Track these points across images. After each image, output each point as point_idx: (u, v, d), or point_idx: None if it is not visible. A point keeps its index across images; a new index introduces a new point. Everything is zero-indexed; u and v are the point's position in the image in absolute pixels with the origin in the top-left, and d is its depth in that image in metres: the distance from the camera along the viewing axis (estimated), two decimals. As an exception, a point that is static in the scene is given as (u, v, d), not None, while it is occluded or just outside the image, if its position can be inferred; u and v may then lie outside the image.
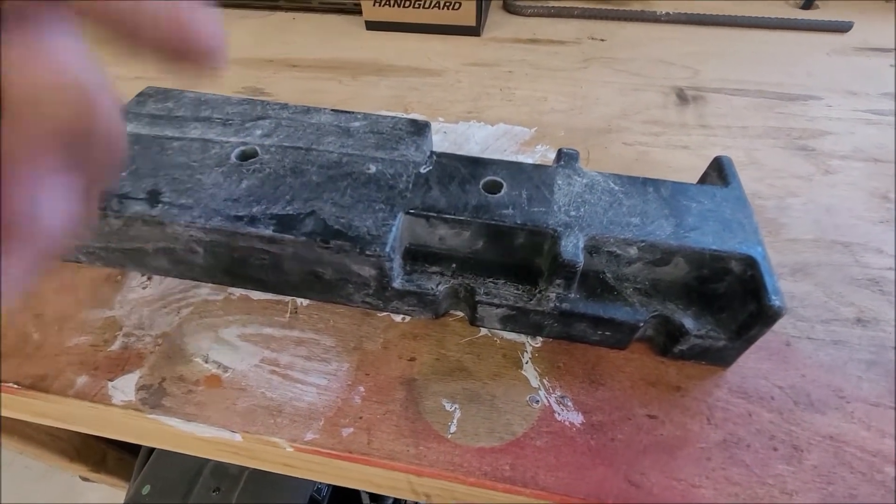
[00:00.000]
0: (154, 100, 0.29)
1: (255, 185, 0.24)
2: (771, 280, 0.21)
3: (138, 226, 0.23)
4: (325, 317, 0.27)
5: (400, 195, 0.24)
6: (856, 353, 0.25)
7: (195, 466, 0.56)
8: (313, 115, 0.28)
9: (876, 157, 0.36)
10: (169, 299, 0.28)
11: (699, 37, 0.51)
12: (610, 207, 0.24)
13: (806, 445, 0.22)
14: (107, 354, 0.26)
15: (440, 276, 0.24)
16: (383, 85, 0.45)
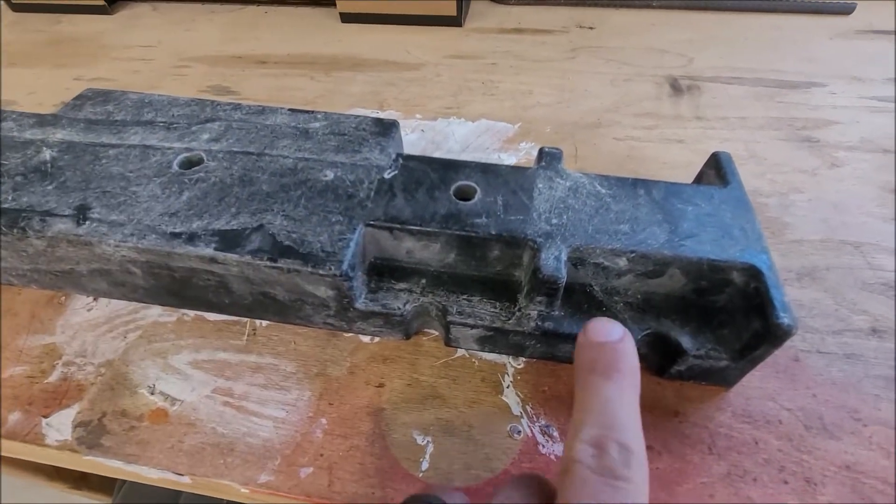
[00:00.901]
0: (92, 103, 0.26)
1: (197, 196, 0.21)
2: (778, 293, 0.19)
3: (64, 246, 0.21)
4: (286, 338, 0.25)
5: (360, 205, 0.21)
6: (871, 368, 0.23)
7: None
8: (268, 115, 0.26)
9: (885, 147, 0.34)
10: (116, 322, 0.26)
11: (693, 22, 0.48)
12: (596, 213, 0.21)
13: (819, 478, 0.20)
14: (43, 387, 0.24)
15: (408, 294, 0.22)
16: (358, 80, 0.42)
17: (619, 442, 0.13)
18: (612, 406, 0.14)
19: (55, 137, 0.24)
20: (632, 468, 0.13)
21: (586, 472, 0.13)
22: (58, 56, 0.47)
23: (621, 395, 0.14)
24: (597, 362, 0.15)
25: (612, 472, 0.12)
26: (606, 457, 0.13)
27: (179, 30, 0.51)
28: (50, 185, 0.22)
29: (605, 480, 0.12)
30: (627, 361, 0.15)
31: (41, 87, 0.43)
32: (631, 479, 0.12)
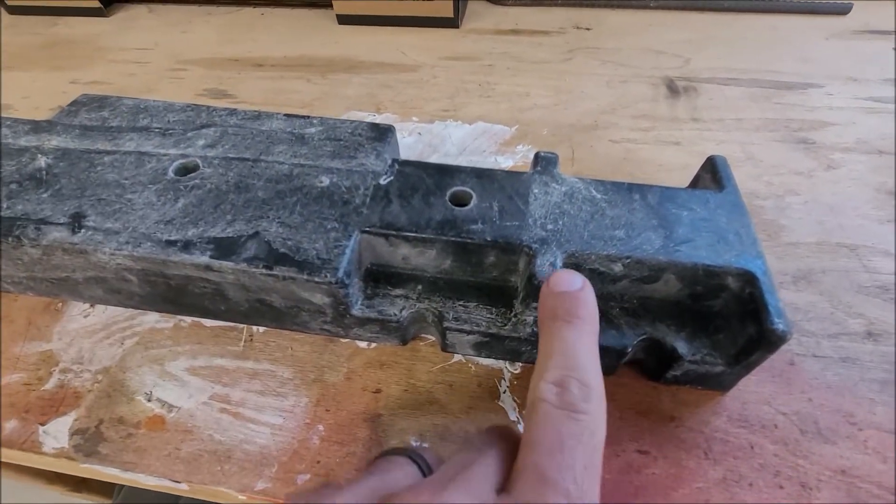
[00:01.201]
0: (87, 109, 0.26)
1: (192, 203, 0.21)
2: (773, 299, 0.19)
3: (59, 254, 0.21)
4: (283, 344, 0.25)
5: (356, 211, 0.21)
6: (867, 371, 0.23)
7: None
8: (264, 121, 0.26)
9: (880, 148, 0.34)
10: (112, 328, 0.26)
11: (690, 23, 0.48)
12: (591, 219, 0.21)
13: (815, 482, 0.20)
14: (40, 394, 0.24)
15: (404, 300, 0.22)
16: (355, 83, 0.42)
17: (579, 380, 0.14)
18: (573, 348, 0.15)
19: (50, 144, 0.24)
20: (591, 402, 0.14)
21: (550, 407, 0.14)
22: (53, 59, 0.47)
23: (581, 338, 0.16)
24: (558, 309, 0.16)
25: (573, 406, 0.14)
26: (568, 393, 0.14)
27: (176, 32, 0.51)
28: (45, 192, 0.22)
29: (566, 413, 0.14)
30: (587, 308, 0.16)
31: (37, 90, 0.43)
32: (590, 411, 0.14)
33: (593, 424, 0.14)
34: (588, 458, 0.13)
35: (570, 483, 0.13)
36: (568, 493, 0.12)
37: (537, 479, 0.13)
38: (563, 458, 0.13)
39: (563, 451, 0.13)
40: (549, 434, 0.14)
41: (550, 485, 0.13)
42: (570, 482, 0.13)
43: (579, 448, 0.13)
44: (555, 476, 0.13)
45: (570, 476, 0.13)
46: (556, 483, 0.13)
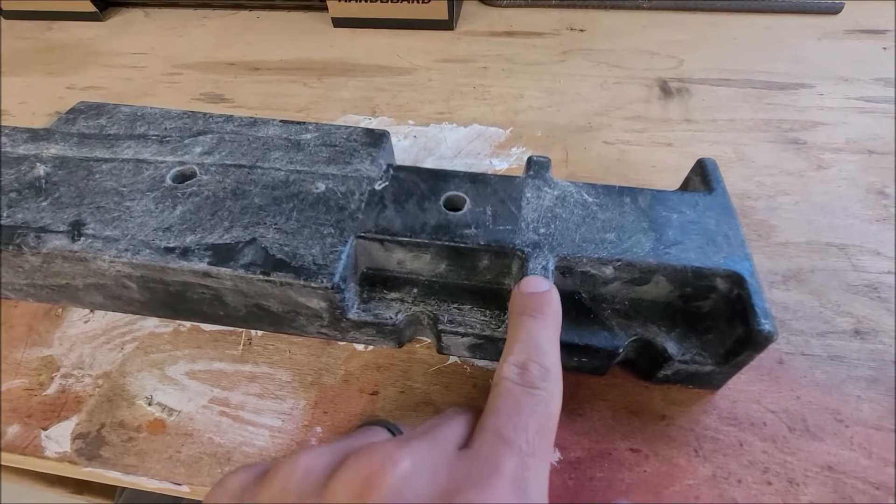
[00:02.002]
0: (85, 116, 0.26)
1: (190, 210, 0.22)
2: (760, 300, 0.19)
3: (59, 262, 0.21)
4: (281, 348, 0.25)
5: (351, 217, 0.22)
6: (854, 369, 0.23)
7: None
8: (260, 127, 0.26)
9: (870, 148, 0.34)
10: (112, 333, 0.26)
11: (684, 23, 0.49)
12: (583, 222, 0.22)
13: (802, 478, 0.20)
14: (42, 399, 0.24)
15: (400, 304, 0.22)
16: (350, 86, 0.43)
17: (539, 363, 0.16)
18: (536, 337, 0.17)
19: (49, 153, 0.24)
20: (548, 382, 0.16)
21: (511, 384, 0.16)
22: (49, 64, 0.47)
23: (543, 329, 0.17)
24: (525, 306, 0.18)
25: (532, 384, 0.16)
26: (527, 374, 0.16)
27: (172, 36, 0.51)
28: (44, 200, 0.22)
29: (524, 389, 0.16)
30: (551, 307, 0.18)
31: (33, 95, 0.43)
32: (547, 389, 0.16)
33: (549, 398, 0.16)
34: (541, 425, 0.15)
35: (522, 442, 0.14)
36: (521, 449, 0.14)
37: (495, 436, 0.14)
38: (518, 420, 0.15)
39: (519, 416, 0.15)
40: (508, 403, 0.15)
41: (506, 442, 0.14)
42: (522, 441, 0.14)
43: (534, 415, 0.15)
44: (510, 435, 0.14)
45: (523, 436, 0.14)
46: (510, 441, 0.14)
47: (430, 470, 0.14)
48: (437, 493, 0.13)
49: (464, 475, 0.13)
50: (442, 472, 0.14)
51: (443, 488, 0.13)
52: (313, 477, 0.14)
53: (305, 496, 0.13)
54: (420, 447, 0.14)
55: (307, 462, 0.14)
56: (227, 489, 0.15)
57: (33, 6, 0.53)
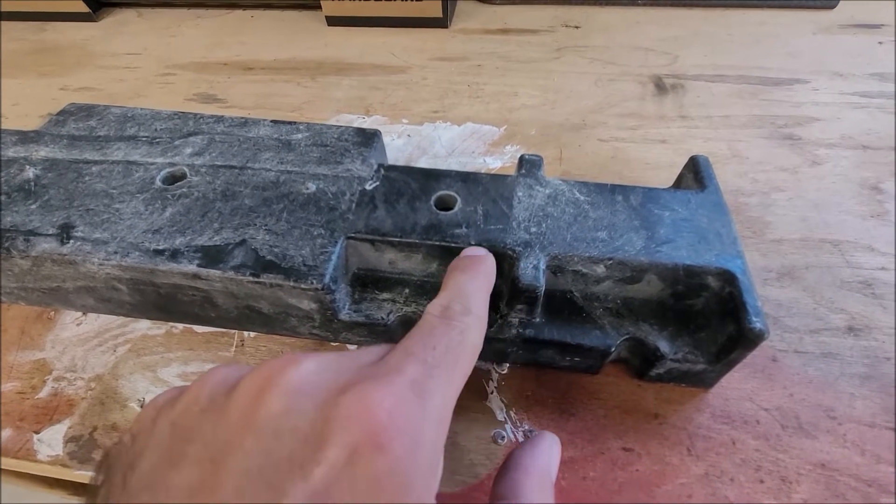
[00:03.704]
0: (75, 118, 0.26)
1: (180, 212, 0.22)
2: (751, 298, 0.19)
3: (49, 265, 0.21)
4: (273, 349, 0.25)
5: (341, 217, 0.22)
6: (848, 366, 0.23)
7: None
8: (251, 127, 0.26)
9: (865, 143, 0.34)
10: (105, 336, 0.26)
11: (679, 19, 0.49)
12: (574, 221, 0.22)
13: (795, 476, 0.20)
14: (34, 402, 0.24)
15: (392, 304, 0.22)
16: (344, 85, 0.43)
17: (462, 304, 0.17)
18: (463, 285, 0.18)
19: (38, 155, 0.24)
20: (468, 317, 0.16)
21: (432, 317, 0.16)
22: (42, 65, 0.47)
23: (473, 281, 0.18)
24: (459, 264, 0.19)
25: (451, 317, 0.16)
26: (449, 310, 0.16)
27: (165, 36, 0.51)
28: (33, 203, 0.22)
29: (442, 321, 0.16)
30: (484, 265, 0.19)
31: (26, 97, 0.43)
32: (465, 322, 0.16)
33: (464, 328, 0.16)
34: (452, 347, 0.15)
35: (428, 356, 0.14)
36: (425, 361, 0.14)
37: (403, 352, 0.15)
38: (429, 340, 0.15)
39: (430, 336, 0.15)
40: (424, 329, 0.16)
41: (412, 355, 0.14)
42: (428, 355, 0.14)
43: (445, 338, 0.15)
44: (417, 350, 0.15)
45: (430, 352, 0.15)
46: (416, 355, 0.14)
47: (333, 371, 0.14)
48: (334, 389, 0.13)
49: (363, 375, 0.14)
50: (345, 374, 0.14)
51: (340, 384, 0.13)
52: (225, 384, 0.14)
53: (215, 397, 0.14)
54: (329, 356, 0.15)
55: (224, 372, 0.15)
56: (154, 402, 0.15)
57: (26, 7, 0.52)
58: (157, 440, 0.13)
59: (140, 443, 0.14)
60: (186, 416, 0.14)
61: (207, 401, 0.14)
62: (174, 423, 0.14)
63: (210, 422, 0.13)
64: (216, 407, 0.14)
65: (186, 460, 0.13)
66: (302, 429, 0.12)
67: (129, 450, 0.14)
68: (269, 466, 0.12)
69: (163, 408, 0.15)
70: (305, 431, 0.12)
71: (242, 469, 0.12)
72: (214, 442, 0.13)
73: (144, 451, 0.13)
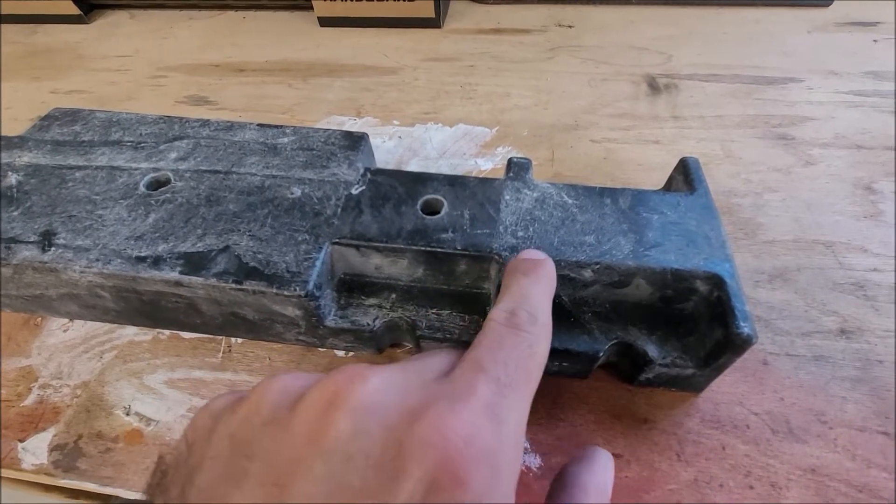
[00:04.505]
0: (59, 123, 0.26)
1: (163, 218, 0.21)
2: (739, 303, 0.19)
3: (30, 273, 0.21)
4: (261, 355, 0.25)
5: (326, 222, 0.21)
6: (839, 369, 0.23)
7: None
8: (237, 131, 0.26)
9: (859, 143, 0.34)
10: (92, 342, 0.26)
11: (673, 18, 0.48)
12: (562, 225, 0.22)
13: (784, 482, 0.20)
14: (20, 410, 0.24)
15: (378, 310, 0.22)
16: (336, 86, 0.42)
17: (528, 311, 0.16)
18: (527, 290, 0.17)
19: (21, 161, 0.24)
20: (535, 326, 0.16)
21: (497, 325, 0.16)
22: (33, 68, 0.47)
23: (535, 285, 0.18)
24: (519, 267, 0.18)
25: (518, 325, 0.16)
26: (515, 318, 0.16)
27: (157, 38, 0.50)
28: (15, 210, 0.22)
29: (510, 330, 0.15)
30: (545, 269, 0.18)
31: (17, 101, 0.43)
32: (532, 332, 0.16)
33: (534, 340, 0.15)
34: (522, 361, 0.15)
35: (500, 373, 0.14)
36: (497, 380, 0.14)
37: (473, 366, 0.14)
38: (499, 354, 0.15)
39: (501, 350, 0.15)
40: (491, 339, 0.15)
41: (483, 371, 0.14)
42: (501, 372, 0.14)
43: (515, 351, 0.15)
44: (488, 366, 0.14)
45: (502, 368, 0.14)
46: (488, 371, 0.14)
47: (401, 390, 0.13)
48: (404, 411, 0.13)
49: (434, 395, 0.13)
50: (414, 393, 0.13)
51: (410, 406, 0.13)
52: (286, 396, 0.14)
53: (277, 411, 0.13)
54: (394, 370, 0.14)
55: (284, 382, 0.14)
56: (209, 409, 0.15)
57: (17, 10, 0.52)
58: (216, 453, 0.13)
59: (197, 454, 0.14)
60: (247, 429, 0.13)
61: (269, 413, 0.13)
62: (233, 436, 0.13)
63: (272, 437, 0.13)
64: (278, 421, 0.13)
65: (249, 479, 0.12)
66: (374, 456, 0.12)
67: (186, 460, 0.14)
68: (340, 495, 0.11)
69: (220, 416, 0.14)
70: (377, 459, 0.12)
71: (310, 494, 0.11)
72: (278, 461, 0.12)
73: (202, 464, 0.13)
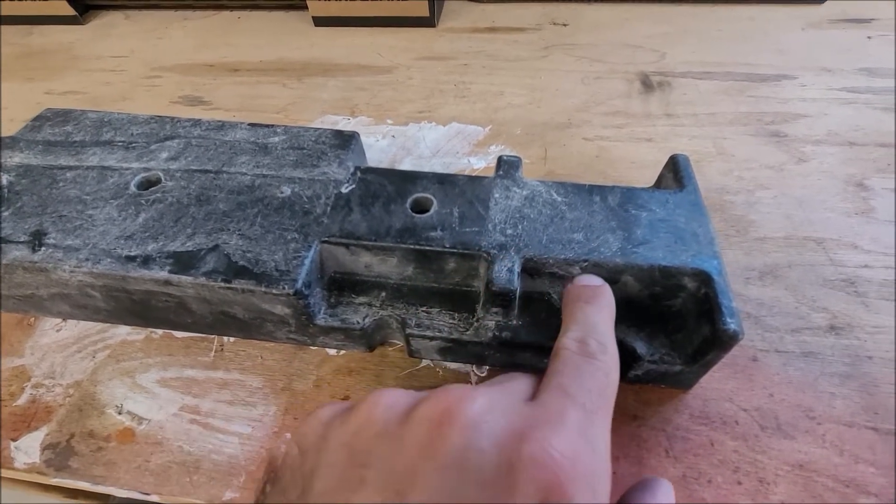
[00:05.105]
0: (51, 123, 0.26)
1: (153, 218, 0.22)
2: (726, 299, 0.19)
3: (21, 273, 0.21)
4: (253, 353, 0.25)
5: (316, 221, 0.22)
6: (828, 365, 0.23)
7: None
8: (228, 131, 0.26)
9: (851, 140, 0.34)
10: (84, 342, 0.26)
11: (667, 15, 0.48)
12: (551, 222, 0.22)
13: (772, 477, 0.20)
14: (12, 410, 0.24)
15: (368, 308, 0.22)
16: (330, 86, 0.42)
17: (597, 340, 0.17)
18: (593, 319, 0.18)
19: (12, 161, 0.24)
20: (606, 355, 0.17)
21: (572, 354, 0.17)
22: (28, 69, 0.47)
23: (599, 313, 0.18)
24: (581, 295, 0.19)
25: (591, 354, 0.16)
26: (586, 346, 0.17)
27: (152, 38, 0.50)
28: (6, 210, 0.22)
29: (586, 360, 0.16)
30: (605, 296, 0.19)
31: (12, 101, 0.43)
32: (605, 361, 0.16)
33: (608, 369, 0.16)
34: (602, 389, 0.16)
35: (586, 400, 0.15)
36: (584, 406, 0.15)
37: (560, 393, 0.15)
38: (582, 382, 0.15)
39: (581, 378, 0.16)
40: (570, 367, 0.16)
41: (570, 397, 0.15)
42: (586, 399, 0.15)
43: (594, 380, 0.16)
44: (574, 392, 0.15)
45: (587, 395, 0.15)
46: (574, 397, 0.15)
47: (502, 411, 0.14)
48: (510, 431, 0.14)
49: (534, 418, 0.14)
50: (513, 414, 0.14)
51: (515, 427, 0.14)
52: (395, 410, 0.15)
53: (388, 424, 0.14)
54: (491, 391, 0.15)
55: (391, 397, 0.15)
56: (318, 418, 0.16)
57: (13, 11, 0.52)
58: (332, 460, 0.14)
59: (311, 460, 0.15)
60: (361, 440, 0.14)
61: (381, 426, 0.14)
62: (348, 445, 0.14)
63: (387, 448, 0.14)
64: (391, 433, 0.14)
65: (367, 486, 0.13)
66: (486, 471, 0.13)
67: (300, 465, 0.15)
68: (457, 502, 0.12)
69: (330, 425, 0.15)
70: (490, 474, 0.13)
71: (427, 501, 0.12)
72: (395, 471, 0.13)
73: (318, 470, 0.14)
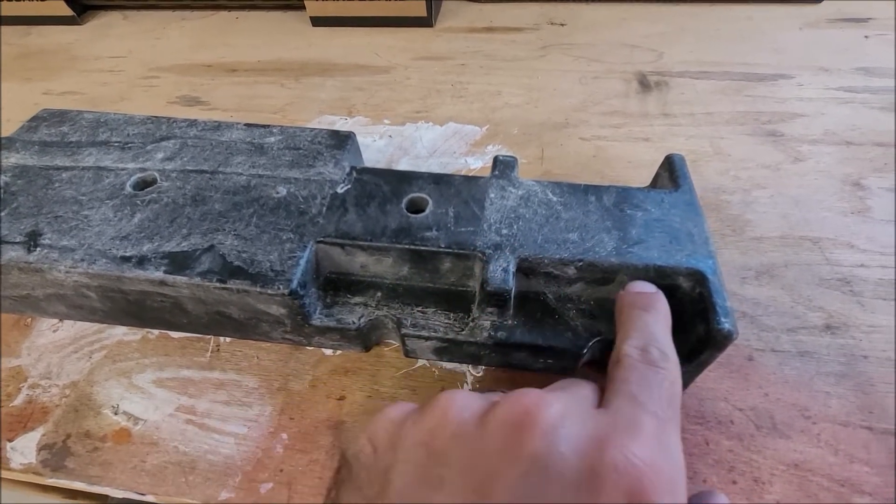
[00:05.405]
0: (47, 124, 0.26)
1: (148, 218, 0.22)
2: (721, 299, 0.19)
3: (16, 273, 0.21)
4: (249, 354, 0.25)
5: (311, 221, 0.22)
6: (824, 365, 0.23)
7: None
8: (224, 131, 0.26)
9: (848, 139, 0.34)
10: (81, 342, 0.26)
11: (665, 15, 0.48)
12: (546, 222, 0.22)
13: (768, 477, 0.20)
14: (9, 410, 0.24)
15: (363, 308, 0.22)
16: (328, 86, 0.42)
17: (658, 348, 0.17)
18: (651, 326, 0.18)
19: (8, 162, 0.24)
20: (668, 363, 0.16)
21: (635, 361, 0.16)
22: (26, 70, 0.47)
23: (657, 321, 0.18)
24: (637, 302, 0.19)
25: (654, 363, 0.16)
26: (648, 354, 0.17)
27: (150, 38, 0.50)
28: (2, 211, 0.22)
29: (650, 368, 0.16)
30: (661, 303, 0.19)
31: (9, 102, 0.43)
32: (668, 369, 0.16)
33: (672, 378, 0.16)
34: (670, 398, 0.16)
35: (657, 408, 0.15)
36: (656, 415, 0.15)
37: (630, 400, 0.15)
38: (651, 390, 0.15)
39: (650, 387, 0.15)
40: (636, 375, 0.16)
41: (642, 406, 0.15)
42: (657, 407, 0.15)
43: (661, 389, 0.16)
44: (645, 401, 0.15)
45: (658, 404, 0.15)
46: (646, 405, 0.15)
47: (577, 416, 0.14)
48: (587, 437, 0.14)
49: (610, 426, 0.14)
50: (588, 421, 0.14)
51: (592, 434, 0.14)
52: (470, 411, 0.15)
53: (463, 425, 0.14)
54: (564, 397, 0.15)
55: (463, 399, 0.15)
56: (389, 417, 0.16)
57: (11, 11, 0.52)
58: (409, 458, 0.14)
59: (386, 458, 0.15)
60: (437, 440, 0.14)
61: (456, 426, 0.14)
62: (425, 444, 0.14)
63: (464, 449, 0.14)
64: (468, 434, 0.14)
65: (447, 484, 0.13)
66: (568, 476, 0.13)
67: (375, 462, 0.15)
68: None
69: (402, 425, 0.15)
70: (573, 478, 0.13)
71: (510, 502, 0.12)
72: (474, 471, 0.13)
73: (395, 467, 0.14)
